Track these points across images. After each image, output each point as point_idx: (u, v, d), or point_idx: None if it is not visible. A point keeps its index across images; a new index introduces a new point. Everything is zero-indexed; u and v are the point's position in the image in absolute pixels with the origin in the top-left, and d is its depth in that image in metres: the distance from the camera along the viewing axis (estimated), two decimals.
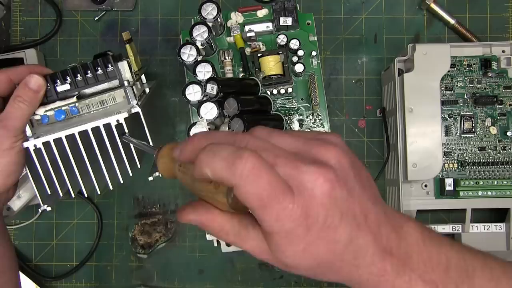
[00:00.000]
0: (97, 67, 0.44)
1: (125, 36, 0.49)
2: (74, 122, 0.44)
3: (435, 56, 0.54)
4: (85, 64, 0.44)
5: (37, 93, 0.42)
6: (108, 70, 0.44)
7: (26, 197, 0.57)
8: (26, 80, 0.41)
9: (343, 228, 0.26)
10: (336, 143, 0.28)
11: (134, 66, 0.50)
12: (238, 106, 0.46)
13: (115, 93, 0.45)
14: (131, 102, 0.45)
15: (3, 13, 0.64)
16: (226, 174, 0.25)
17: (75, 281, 0.62)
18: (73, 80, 0.44)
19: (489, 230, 0.57)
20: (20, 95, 0.41)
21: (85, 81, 0.45)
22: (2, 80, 0.41)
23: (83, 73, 0.44)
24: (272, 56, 0.53)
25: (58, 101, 0.44)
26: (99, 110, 0.45)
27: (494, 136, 0.57)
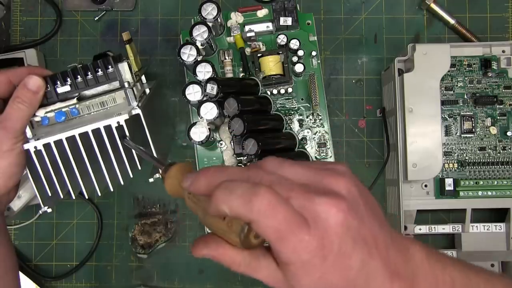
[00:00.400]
0: (97, 69, 0.44)
1: (125, 36, 0.49)
2: (74, 124, 0.44)
3: (435, 56, 0.54)
4: (85, 66, 0.44)
5: (36, 94, 0.42)
6: (108, 72, 0.44)
7: (26, 197, 0.57)
8: (25, 81, 0.41)
9: (356, 255, 0.27)
10: (344, 173, 0.29)
11: (134, 67, 0.50)
12: (238, 106, 0.46)
13: (115, 94, 0.45)
14: (132, 103, 0.45)
15: (3, 13, 0.64)
16: (244, 211, 0.26)
17: (75, 281, 0.62)
18: (73, 82, 0.44)
19: (489, 230, 0.57)
20: (19, 96, 0.41)
21: (86, 82, 0.44)
22: (2, 82, 0.41)
23: (83, 74, 0.44)
24: (272, 56, 0.53)
25: (58, 102, 0.44)
26: (100, 111, 0.45)
27: (494, 136, 0.57)
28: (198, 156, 0.55)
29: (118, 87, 0.45)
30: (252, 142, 0.45)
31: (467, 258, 0.57)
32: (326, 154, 0.55)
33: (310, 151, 0.55)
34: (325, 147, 0.55)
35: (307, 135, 0.55)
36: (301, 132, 0.55)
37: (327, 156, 0.55)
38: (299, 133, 0.55)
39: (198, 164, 0.55)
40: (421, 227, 0.57)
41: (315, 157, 0.55)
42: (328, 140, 0.55)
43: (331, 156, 0.55)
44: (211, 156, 0.55)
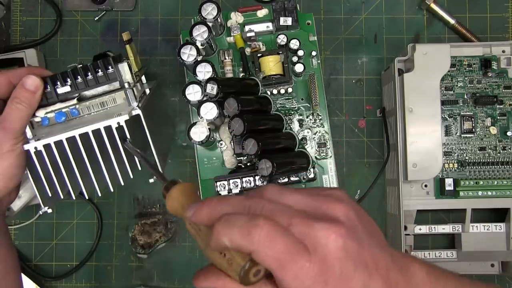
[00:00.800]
0: (97, 69, 0.44)
1: (125, 36, 0.49)
2: (74, 124, 0.44)
3: (435, 56, 0.54)
4: (85, 66, 0.44)
5: (34, 94, 0.42)
6: (108, 72, 0.44)
7: (26, 197, 0.57)
8: (23, 81, 0.41)
9: (358, 278, 0.28)
10: (342, 198, 0.30)
11: (134, 67, 0.50)
12: (238, 106, 0.46)
13: (115, 94, 0.45)
14: (132, 104, 0.45)
15: (3, 13, 0.64)
16: (244, 243, 0.27)
17: (75, 281, 0.62)
18: (73, 82, 0.44)
19: (489, 230, 0.57)
20: (17, 96, 0.41)
21: (86, 83, 0.44)
22: (2, 83, 0.41)
23: (84, 75, 0.44)
24: (272, 56, 0.53)
25: (58, 103, 0.44)
26: (100, 111, 0.45)
27: (494, 136, 0.57)
28: (198, 156, 0.55)
29: (118, 88, 0.45)
30: (252, 142, 0.45)
31: (467, 258, 0.57)
32: (326, 154, 0.55)
33: (310, 151, 0.55)
34: (325, 147, 0.55)
35: (307, 135, 0.55)
36: (301, 132, 0.55)
37: (327, 156, 0.55)
38: (299, 133, 0.55)
39: (198, 164, 0.55)
40: (421, 227, 0.57)
41: (315, 157, 0.55)
42: (328, 140, 0.55)
43: (331, 156, 0.55)
44: (211, 156, 0.55)
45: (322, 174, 0.55)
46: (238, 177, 0.50)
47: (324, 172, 0.55)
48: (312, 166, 0.52)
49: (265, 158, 0.45)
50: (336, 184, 0.55)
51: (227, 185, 0.51)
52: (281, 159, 0.47)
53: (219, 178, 0.51)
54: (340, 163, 0.62)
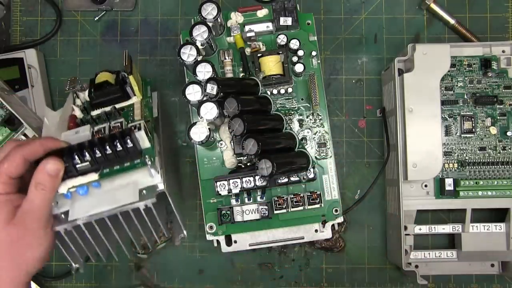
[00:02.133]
0: (115, 142, 0.43)
1: (127, 68, 0.49)
2: (97, 193, 0.45)
3: (435, 56, 0.54)
4: (102, 139, 0.43)
5: (56, 178, 0.42)
6: (128, 147, 0.43)
7: None
8: (44, 166, 0.41)
9: None
10: None
11: (138, 94, 0.51)
12: (238, 106, 0.46)
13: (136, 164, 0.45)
14: (154, 176, 0.45)
15: (3, 13, 0.64)
16: None
17: (75, 281, 0.62)
18: (92, 158, 0.43)
19: (489, 230, 0.57)
20: (40, 182, 0.41)
21: (105, 156, 0.43)
22: (17, 162, 0.41)
23: (102, 149, 0.42)
24: (272, 56, 0.53)
25: (79, 176, 0.43)
26: (121, 179, 0.45)
27: (494, 136, 0.57)
28: (198, 156, 0.55)
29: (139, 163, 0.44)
30: (252, 142, 0.45)
31: (467, 258, 0.57)
32: (326, 154, 0.55)
33: (310, 151, 0.55)
34: (325, 147, 0.55)
35: (307, 135, 0.55)
36: (301, 132, 0.55)
37: (327, 156, 0.55)
38: (299, 133, 0.55)
39: (198, 164, 0.55)
40: (421, 227, 0.57)
41: (315, 157, 0.55)
42: (328, 140, 0.55)
43: (331, 156, 0.55)
44: (211, 156, 0.55)
45: (322, 174, 0.55)
46: (238, 177, 0.50)
47: (324, 172, 0.55)
48: (312, 166, 0.52)
49: (265, 158, 0.45)
50: (336, 184, 0.55)
51: (227, 185, 0.51)
52: (281, 159, 0.47)
53: (219, 178, 0.51)
54: (340, 163, 0.62)
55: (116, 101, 0.51)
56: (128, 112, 0.51)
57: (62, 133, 0.46)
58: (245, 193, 0.53)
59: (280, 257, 0.61)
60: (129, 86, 0.50)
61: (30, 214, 0.41)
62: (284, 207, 0.52)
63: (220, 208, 0.53)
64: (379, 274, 0.61)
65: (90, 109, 0.51)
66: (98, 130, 0.45)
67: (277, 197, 0.52)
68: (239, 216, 0.53)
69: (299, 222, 0.54)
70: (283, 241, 0.55)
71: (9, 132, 0.55)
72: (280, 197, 0.52)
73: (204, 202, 0.55)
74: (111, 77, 0.51)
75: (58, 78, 0.64)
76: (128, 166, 0.44)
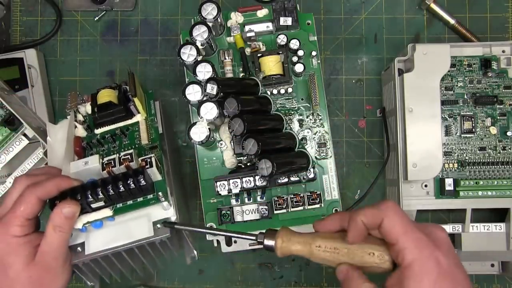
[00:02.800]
0: (128, 181, 0.44)
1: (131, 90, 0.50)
2: (111, 225, 0.46)
3: (435, 56, 0.54)
4: (116, 177, 0.44)
5: (73, 219, 0.43)
6: (141, 185, 0.44)
7: None
8: (62, 210, 0.42)
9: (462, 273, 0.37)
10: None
11: (142, 113, 0.51)
12: (238, 106, 0.46)
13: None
14: (167, 209, 0.46)
15: (3, 13, 0.64)
16: (376, 211, 0.38)
17: (75, 281, 0.62)
18: (106, 196, 0.44)
19: (489, 230, 0.57)
20: (57, 225, 0.42)
21: (118, 194, 0.44)
22: (32, 203, 0.42)
23: (115, 186, 0.44)
24: (272, 56, 0.53)
25: (93, 212, 0.45)
26: (134, 212, 0.46)
27: (494, 136, 0.57)
28: (198, 156, 0.55)
29: (152, 199, 0.46)
30: (252, 142, 0.45)
31: (467, 258, 0.57)
32: (326, 154, 0.55)
33: (310, 151, 0.55)
34: (325, 147, 0.55)
35: (307, 135, 0.55)
36: (301, 132, 0.55)
37: (327, 156, 0.55)
38: (299, 133, 0.55)
39: (198, 164, 0.55)
40: None
41: (315, 157, 0.55)
42: (328, 140, 0.55)
43: (331, 156, 0.55)
44: (211, 156, 0.55)
45: (322, 174, 0.55)
46: (238, 177, 0.50)
47: (324, 172, 0.55)
48: (312, 166, 0.52)
49: (265, 158, 0.45)
50: (336, 184, 0.55)
51: (227, 185, 0.50)
52: (281, 159, 0.47)
53: (219, 178, 0.51)
54: (340, 163, 0.62)
55: (120, 120, 0.51)
56: (134, 133, 0.51)
57: (71, 163, 0.47)
58: (245, 193, 0.53)
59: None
60: (133, 105, 0.51)
61: (50, 254, 0.42)
62: (284, 207, 0.52)
63: (220, 208, 0.53)
64: (379, 274, 0.61)
65: (93, 127, 0.52)
66: (108, 163, 0.45)
67: (277, 197, 0.52)
68: (239, 216, 0.53)
69: (299, 222, 0.54)
70: None
71: (9, 132, 0.55)
72: (280, 197, 0.52)
73: (204, 202, 0.55)
74: (114, 95, 0.51)
75: (58, 78, 0.64)
76: (142, 202, 0.46)
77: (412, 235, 0.36)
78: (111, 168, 0.45)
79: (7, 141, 0.55)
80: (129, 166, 0.45)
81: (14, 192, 0.43)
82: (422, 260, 0.36)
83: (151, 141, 0.51)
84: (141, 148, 0.51)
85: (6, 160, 0.54)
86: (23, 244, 0.41)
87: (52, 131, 0.51)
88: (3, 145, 0.55)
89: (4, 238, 0.41)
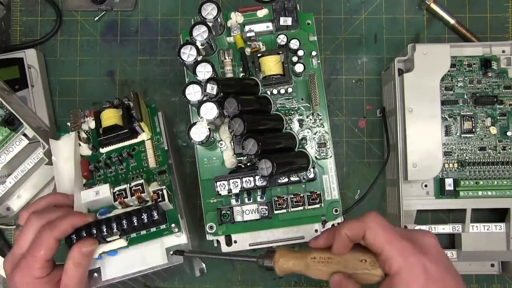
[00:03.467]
0: (142, 216, 0.46)
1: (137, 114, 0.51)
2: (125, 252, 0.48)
3: (435, 56, 0.54)
4: (128, 214, 0.46)
5: (91, 255, 0.46)
6: (154, 219, 0.46)
7: (26, 197, 0.57)
8: (81, 249, 0.45)
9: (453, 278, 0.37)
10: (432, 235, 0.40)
11: (148, 133, 0.53)
12: (238, 106, 0.46)
13: None
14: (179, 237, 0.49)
15: (3, 13, 0.64)
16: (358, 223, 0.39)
17: None
18: (121, 231, 0.47)
19: (489, 230, 0.57)
20: (77, 262, 0.44)
21: (132, 228, 0.47)
22: (51, 245, 0.43)
23: (129, 221, 0.46)
24: (272, 56, 0.53)
25: (109, 243, 0.48)
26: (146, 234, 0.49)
27: (494, 136, 0.57)
28: (198, 156, 0.55)
29: (165, 229, 0.49)
30: (252, 142, 0.45)
31: (467, 258, 0.57)
32: (326, 154, 0.55)
33: (310, 151, 0.55)
34: (325, 147, 0.55)
35: (307, 135, 0.55)
36: (301, 132, 0.55)
37: (327, 156, 0.55)
38: (299, 133, 0.55)
39: (198, 164, 0.55)
40: (421, 227, 0.57)
41: (315, 157, 0.55)
42: (328, 140, 0.55)
43: (331, 156, 0.55)
44: (211, 156, 0.55)
45: (322, 174, 0.55)
46: (238, 177, 0.50)
47: (324, 172, 0.55)
48: (312, 166, 0.52)
49: (265, 158, 0.45)
50: (336, 184, 0.55)
51: (227, 185, 0.50)
52: (281, 159, 0.47)
53: (219, 178, 0.51)
54: (340, 163, 0.62)
55: (125, 139, 0.53)
56: (140, 154, 0.53)
57: (82, 192, 0.49)
58: (245, 193, 0.53)
59: None
60: (138, 126, 0.52)
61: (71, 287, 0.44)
62: (284, 207, 0.52)
63: (220, 208, 0.53)
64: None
65: (98, 146, 0.53)
66: (120, 194, 0.47)
67: (277, 197, 0.52)
68: (239, 216, 0.53)
69: (299, 222, 0.54)
70: (283, 241, 0.55)
71: (9, 132, 0.55)
72: (280, 197, 0.52)
73: (204, 202, 0.55)
74: (118, 115, 0.52)
75: (58, 78, 0.64)
76: (155, 233, 0.48)
77: (396, 244, 0.37)
78: (123, 199, 0.47)
79: (7, 141, 0.55)
80: (141, 197, 0.47)
81: (28, 232, 0.44)
82: (409, 268, 0.36)
83: (158, 164, 0.52)
84: (149, 172, 0.52)
85: (6, 160, 0.54)
86: (45, 284, 0.44)
87: (55, 148, 0.52)
88: (3, 145, 0.55)
89: (28, 281, 0.43)
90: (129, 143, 0.53)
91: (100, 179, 0.53)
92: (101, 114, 0.52)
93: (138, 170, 0.53)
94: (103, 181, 0.52)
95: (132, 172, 0.53)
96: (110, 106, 0.53)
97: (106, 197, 0.48)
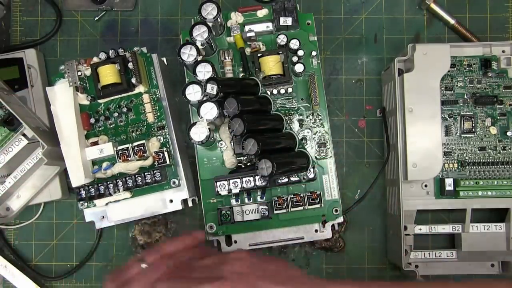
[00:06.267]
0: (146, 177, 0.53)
1: (135, 76, 0.53)
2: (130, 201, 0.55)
3: (435, 56, 0.54)
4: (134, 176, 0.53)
5: None
6: (156, 178, 0.53)
7: (26, 197, 0.57)
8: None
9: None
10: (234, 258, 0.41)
11: (145, 85, 0.54)
12: (238, 106, 0.46)
13: None
14: (181, 191, 0.54)
15: (3, 13, 0.64)
16: None
17: (75, 281, 0.62)
18: (125, 188, 0.53)
19: (489, 230, 0.57)
20: None
21: (136, 185, 0.53)
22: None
23: (134, 180, 0.53)
24: (272, 56, 0.54)
25: (114, 195, 0.54)
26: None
27: (494, 136, 0.57)
28: (198, 156, 0.55)
29: (166, 183, 0.54)
30: (252, 142, 0.45)
31: (467, 258, 0.57)
32: (326, 154, 0.55)
33: (310, 151, 0.55)
34: (325, 147, 0.55)
35: (307, 135, 0.55)
36: (301, 132, 0.55)
37: (327, 156, 0.55)
38: (299, 133, 0.55)
39: (198, 164, 0.55)
40: (421, 227, 0.57)
41: (315, 157, 0.55)
42: (328, 140, 0.55)
43: (331, 156, 0.55)
44: (211, 156, 0.55)
45: (322, 174, 0.55)
46: (238, 177, 0.50)
47: (324, 172, 0.55)
48: (312, 166, 0.52)
49: (265, 158, 0.45)
50: (336, 184, 0.55)
51: (227, 185, 0.51)
52: (281, 159, 0.47)
53: (219, 178, 0.51)
54: (340, 163, 0.62)
55: (123, 92, 0.54)
56: (138, 107, 0.55)
57: (86, 149, 0.53)
58: (245, 193, 0.53)
59: (280, 257, 0.61)
60: (136, 80, 0.53)
61: None
62: (284, 207, 0.52)
63: (220, 208, 0.53)
64: (379, 274, 0.61)
65: (96, 98, 0.55)
66: (123, 153, 0.52)
67: (277, 197, 0.52)
68: (239, 216, 0.53)
69: (299, 222, 0.54)
70: (283, 241, 0.55)
71: (8, 132, 0.55)
72: (280, 197, 0.52)
73: (204, 202, 0.55)
74: (116, 73, 0.53)
75: None
76: (157, 187, 0.54)
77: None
78: (126, 157, 0.51)
79: (6, 141, 0.55)
80: (143, 156, 0.52)
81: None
82: None
83: (157, 119, 0.54)
84: (149, 127, 0.54)
85: (5, 160, 0.54)
86: None
87: (53, 95, 0.54)
88: (2, 145, 0.55)
89: None
90: (127, 95, 0.54)
91: (100, 131, 0.55)
92: (99, 70, 0.54)
93: (137, 123, 0.54)
94: (103, 132, 0.55)
95: (132, 125, 0.54)
96: (107, 58, 0.53)
97: (110, 155, 0.53)
